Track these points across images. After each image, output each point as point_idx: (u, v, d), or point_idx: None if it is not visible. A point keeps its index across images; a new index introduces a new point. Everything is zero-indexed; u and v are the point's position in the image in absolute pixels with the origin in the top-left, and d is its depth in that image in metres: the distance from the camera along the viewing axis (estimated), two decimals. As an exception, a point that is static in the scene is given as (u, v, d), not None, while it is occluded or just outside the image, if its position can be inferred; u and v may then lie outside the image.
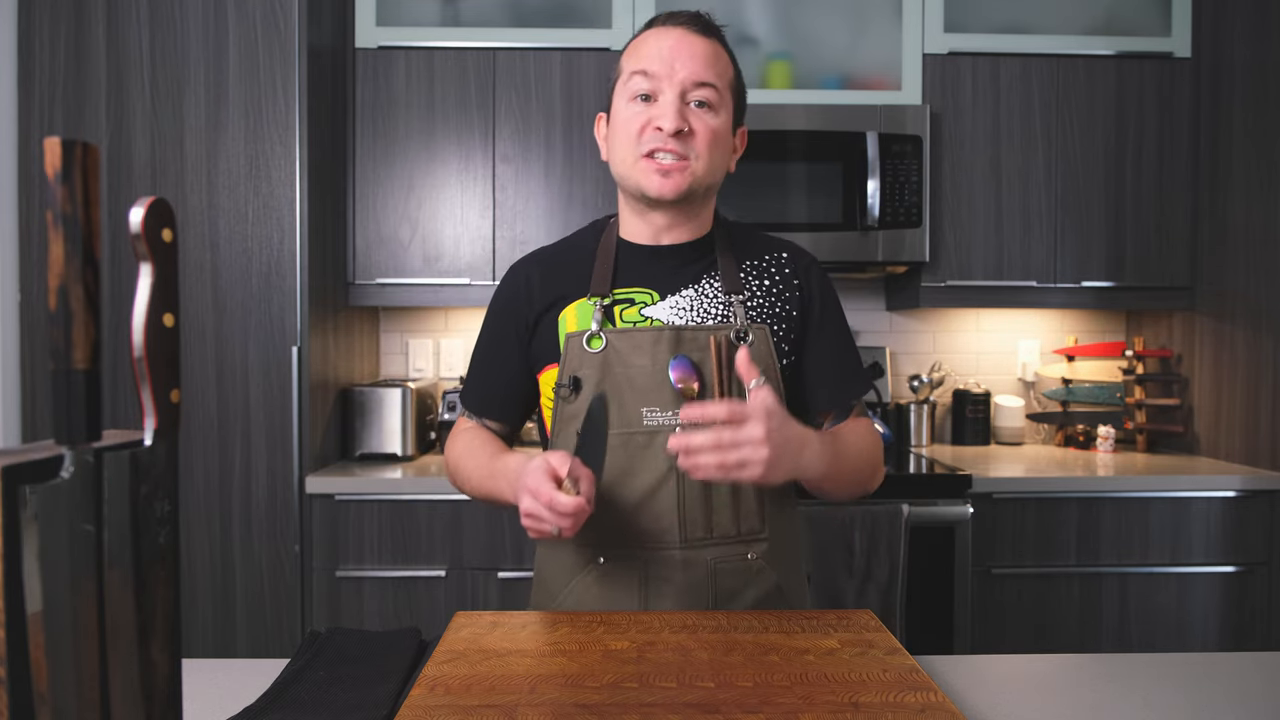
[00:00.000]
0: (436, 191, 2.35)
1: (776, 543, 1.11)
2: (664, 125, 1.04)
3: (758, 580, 1.09)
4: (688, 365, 1.06)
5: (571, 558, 1.10)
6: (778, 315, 1.13)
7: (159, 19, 2.05)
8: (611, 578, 1.08)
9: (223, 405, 2.06)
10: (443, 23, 2.38)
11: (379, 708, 0.75)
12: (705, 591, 1.06)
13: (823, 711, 0.71)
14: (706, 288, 1.12)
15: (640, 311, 1.11)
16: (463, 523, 2.09)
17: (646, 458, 1.06)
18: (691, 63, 1.06)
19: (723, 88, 1.08)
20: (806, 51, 2.42)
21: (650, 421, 1.06)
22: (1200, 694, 0.83)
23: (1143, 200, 2.42)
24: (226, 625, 2.06)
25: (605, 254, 1.14)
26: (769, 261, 1.16)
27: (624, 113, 1.08)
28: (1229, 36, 2.31)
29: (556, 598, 1.11)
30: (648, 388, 1.07)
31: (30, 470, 0.41)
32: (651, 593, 1.06)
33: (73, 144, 0.42)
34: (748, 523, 1.08)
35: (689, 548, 1.06)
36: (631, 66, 1.08)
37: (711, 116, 1.07)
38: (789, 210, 2.30)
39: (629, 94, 1.08)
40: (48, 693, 0.41)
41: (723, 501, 1.07)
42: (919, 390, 2.63)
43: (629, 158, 1.08)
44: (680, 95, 1.06)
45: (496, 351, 1.18)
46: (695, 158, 1.07)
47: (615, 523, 1.06)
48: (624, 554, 1.07)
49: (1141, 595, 2.13)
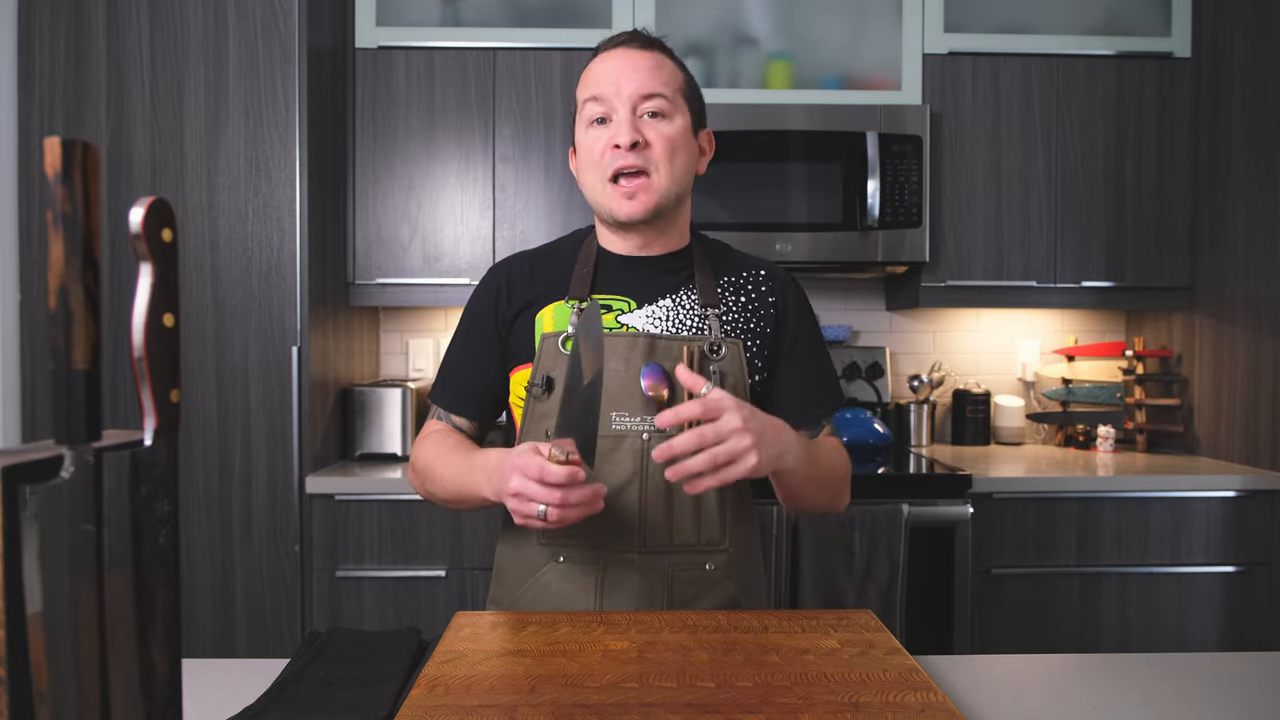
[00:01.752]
0: (436, 191, 2.35)
1: (736, 555, 1.12)
2: (620, 141, 1.07)
3: (715, 591, 1.10)
4: (659, 373, 1.07)
5: (532, 555, 1.11)
6: (752, 331, 1.15)
7: (159, 19, 2.05)
8: (569, 577, 1.09)
9: (223, 405, 2.06)
10: (443, 23, 2.38)
11: (379, 708, 0.75)
12: (660, 597, 1.08)
13: (823, 711, 0.71)
14: (683, 299, 1.14)
15: (616, 318, 1.13)
16: (463, 523, 2.09)
17: (613, 461, 1.07)
18: (635, 76, 1.09)
19: (672, 95, 1.11)
20: (806, 51, 2.42)
21: (619, 426, 1.08)
22: (1200, 694, 0.83)
23: (1143, 200, 2.42)
24: (226, 625, 2.06)
25: (585, 260, 1.16)
26: (746, 279, 1.18)
27: (585, 140, 1.12)
28: (1229, 36, 2.31)
29: (514, 593, 1.12)
30: (619, 393, 1.08)
31: (30, 470, 0.41)
32: (607, 594, 1.07)
33: (73, 144, 0.42)
34: (708, 533, 1.09)
35: (648, 552, 1.08)
36: (584, 95, 1.13)
37: (666, 125, 1.10)
38: (789, 210, 2.30)
39: (586, 121, 1.12)
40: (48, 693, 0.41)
41: (685, 509, 1.08)
42: (919, 390, 2.63)
43: (596, 184, 1.11)
44: (632, 109, 1.09)
45: (472, 347, 1.19)
46: (656, 169, 1.09)
47: (577, 523, 1.07)
48: (583, 555, 1.09)
49: (1141, 595, 2.13)
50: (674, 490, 1.07)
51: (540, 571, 1.11)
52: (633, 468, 1.07)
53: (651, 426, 1.07)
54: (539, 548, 1.11)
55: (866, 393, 2.61)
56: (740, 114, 2.28)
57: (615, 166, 1.08)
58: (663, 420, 0.90)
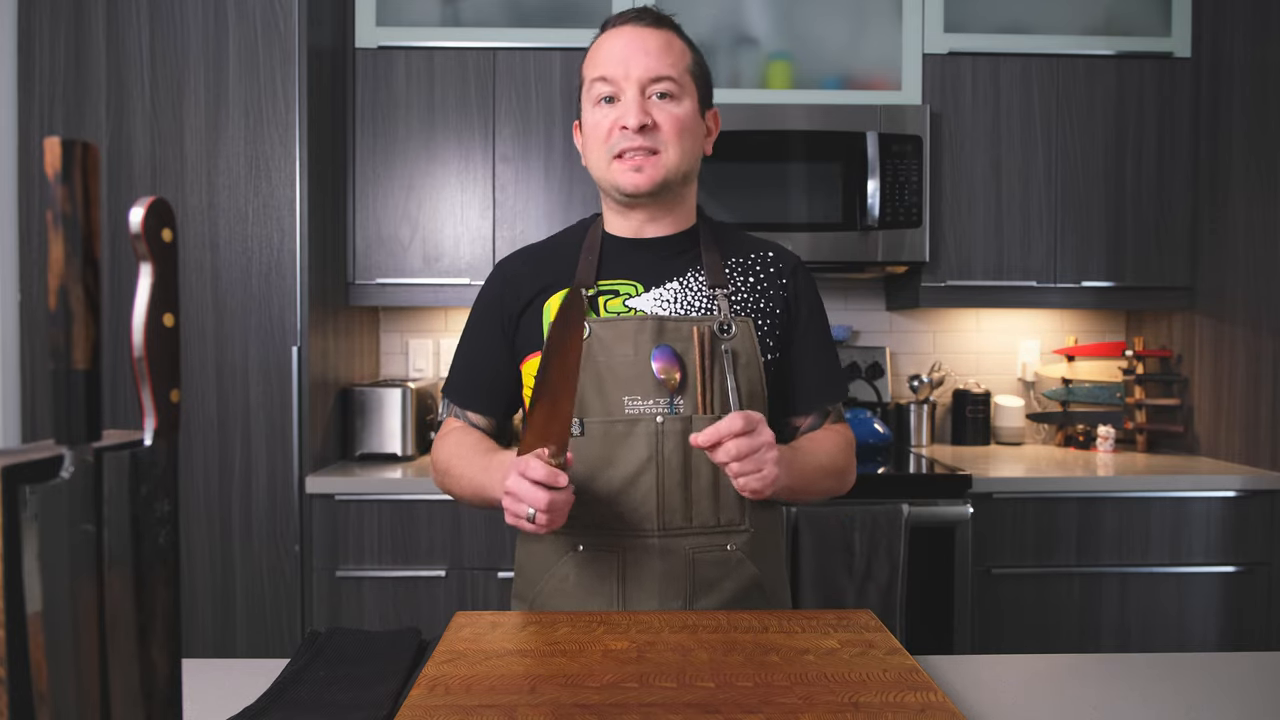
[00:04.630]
0: (436, 191, 2.35)
1: (757, 535, 1.12)
2: (628, 123, 1.07)
3: (736, 572, 1.10)
4: (670, 355, 1.07)
5: (550, 545, 1.11)
6: (762, 310, 1.15)
7: (159, 19, 2.05)
8: (589, 566, 1.09)
9: (223, 405, 2.06)
10: (443, 23, 2.38)
11: (379, 708, 0.75)
12: (683, 581, 1.07)
13: (823, 711, 0.71)
14: (691, 281, 1.14)
15: (624, 303, 1.13)
16: (463, 523, 2.09)
17: (627, 446, 1.07)
18: (646, 58, 1.08)
19: (680, 75, 1.10)
20: (806, 51, 2.42)
21: (631, 410, 1.07)
22: (1200, 694, 0.83)
23: (1143, 200, 2.42)
24: (226, 625, 2.06)
25: (590, 247, 1.16)
26: (754, 260, 1.18)
27: (591, 118, 1.12)
28: (1229, 36, 2.31)
29: (536, 585, 1.12)
30: (629, 377, 1.08)
31: (30, 470, 0.41)
32: (629, 581, 1.07)
33: (73, 144, 0.42)
34: (727, 513, 1.09)
35: (667, 536, 1.07)
36: (591, 73, 1.12)
37: (675, 106, 1.10)
38: (789, 210, 2.30)
39: (593, 99, 1.12)
40: (48, 693, 0.41)
41: (703, 491, 1.08)
42: (919, 390, 2.63)
43: (602, 161, 1.11)
44: (640, 91, 1.08)
45: (482, 343, 1.19)
46: (665, 148, 1.09)
47: (594, 510, 1.08)
48: (602, 542, 1.08)
49: (1141, 595, 2.13)
50: (691, 472, 1.07)
51: (560, 562, 1.10)
52: (648, 452, 1.06)
53: (665, 409, 1.07)
54: (557, 538, 1.10)
55: (866, 393, 2.61)
56: (740, 114, 2.28)
57: (622, 147, 1.08)
58: (698, 442, 0.95)
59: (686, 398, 1.07)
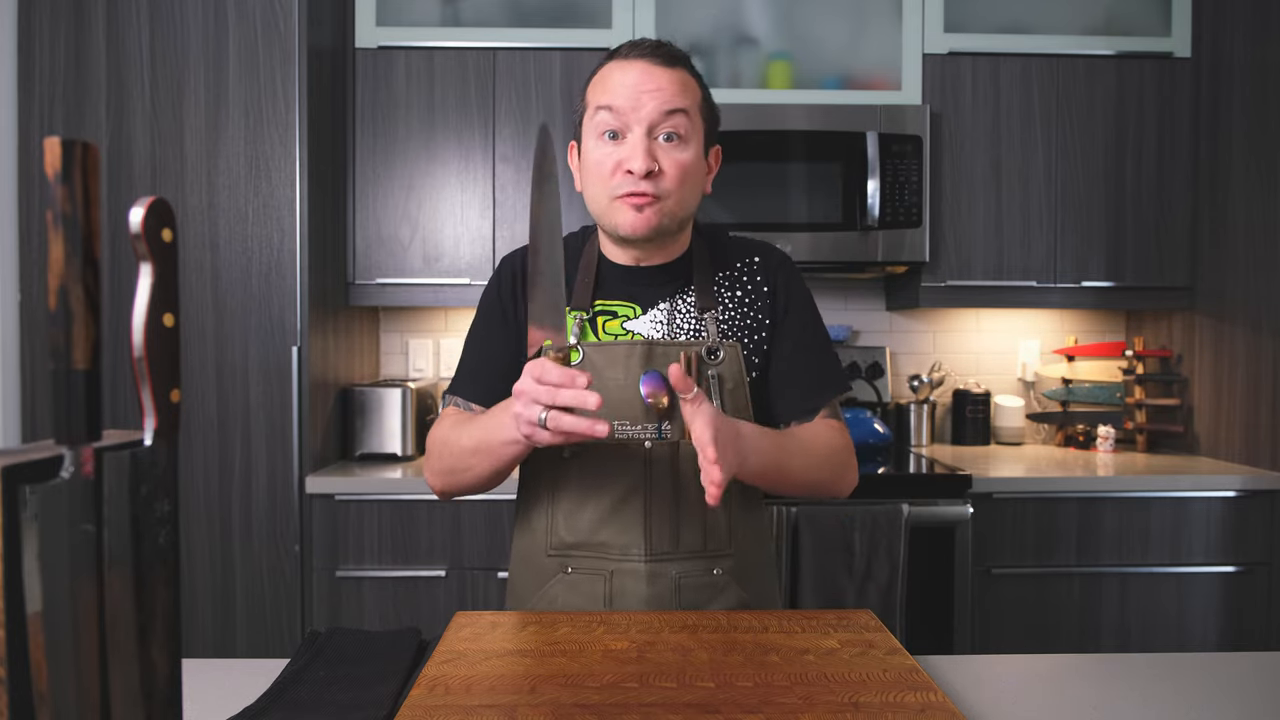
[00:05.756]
0: (436, 191, 2.35)
1: (742, 559, 1.11)
2: (634, 167, 1.04)
3: (723, 596, 1.09)
4: (658, 380, 1.06)
5: (541, 567, 1.11)
6: (749, 327, 1.14)
7: (159, 19, 2.05)
8: (577, 588, 1.09)
9: (223, 405, 2.06)
10: (443, 23, 2.38)
11: (379, 708, 0.75)
12: (670, 606, 1.07)
13: (823, 711, 0.71)
14: (680, 304, 1.14)
15: (622, 325, 1.13)
16: (463, 523, 2.09)
17: (615, 470, 1.07)
18: (658, 96, 1.05)
19: (692, 112, 1.07)
20: (806, 51, 2.42)
21: (621, 434, 1.07)
22: (1200, 694, 0.83)
23: (1143, 200, 2.42)
24: (226, 625, 2.06)
25: (587, 269, 1.15)
26: (741, 269, 1.18)
27: (594, 152, 1.08)
28: (1229, 36, 2.31)
29: (525, 604, 1.13)
30: (620, 401, 1.07)
31: (30, 470, 0.41)
32: (616, 604, 1.07)
33: (73, 144, 0.42)
34: (714, 539, 1.09)
35: (654, 561, 1.07)
36: (596, 101, 1.07)
37: (680, 151, 1.06)
38: (789, 210, 2.30)
39: (596, 130, 1.07)
40: (48, 693, 0.41)
41: (691, 516, 1.08)
42: (919, 390, 2.63)
43: (602, 199, 1.09)
44: (647, 132, 1.05)
45: (489, 338, 1.18)
46: (667, 196, 1.07)
47: (583, 533, 1.08)
48: (590, 565, 1.08)
49: (1141, 595, 2.13)
50: (679, 496, 1.07)
51: (549, 584, 1.10)
52: (636, 476, 1.07)
53: (653, 434, 1.07)
54: (547, 559, 1.11)
55: (866, 393, 2.61)
56: (740, 114, 2.28)
57: (625, 190, 1.06)
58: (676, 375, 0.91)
59: (674, 422, 1.07)
